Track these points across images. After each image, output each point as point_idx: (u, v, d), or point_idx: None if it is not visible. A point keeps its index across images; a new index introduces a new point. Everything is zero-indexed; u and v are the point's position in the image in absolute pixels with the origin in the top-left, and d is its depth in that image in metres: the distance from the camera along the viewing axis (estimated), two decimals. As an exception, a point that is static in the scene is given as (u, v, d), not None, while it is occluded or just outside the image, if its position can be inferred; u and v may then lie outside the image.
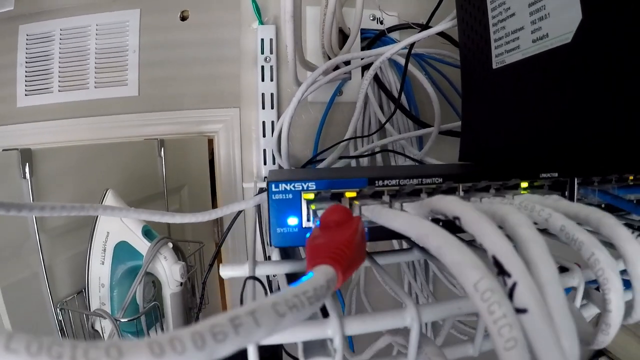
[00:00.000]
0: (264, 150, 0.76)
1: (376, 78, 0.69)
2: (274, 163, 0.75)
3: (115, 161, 0.81)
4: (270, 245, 0.26)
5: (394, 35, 0.75)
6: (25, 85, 0.98)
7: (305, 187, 0.25)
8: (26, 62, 0.98)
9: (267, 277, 0.56)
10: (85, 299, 0.67)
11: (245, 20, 0.80)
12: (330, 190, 0.25)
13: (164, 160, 0.91)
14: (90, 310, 0.67)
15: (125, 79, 0.99)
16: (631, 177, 0.30)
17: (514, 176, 0.28)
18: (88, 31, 0.97)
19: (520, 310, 0.13)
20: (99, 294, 0.67)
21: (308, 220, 0.26)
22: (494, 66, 0.40)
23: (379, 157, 0.72)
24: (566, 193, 0.30)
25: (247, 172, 0.82)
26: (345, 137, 0.67)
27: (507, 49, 0.38)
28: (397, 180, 0.26)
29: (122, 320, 0.65)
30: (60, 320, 0.64)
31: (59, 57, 0.97)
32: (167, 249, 0.66)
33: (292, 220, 0.25)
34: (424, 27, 0.56)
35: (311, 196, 0.25)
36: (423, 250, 0.29)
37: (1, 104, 0.99)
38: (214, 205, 1.01)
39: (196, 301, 0.78)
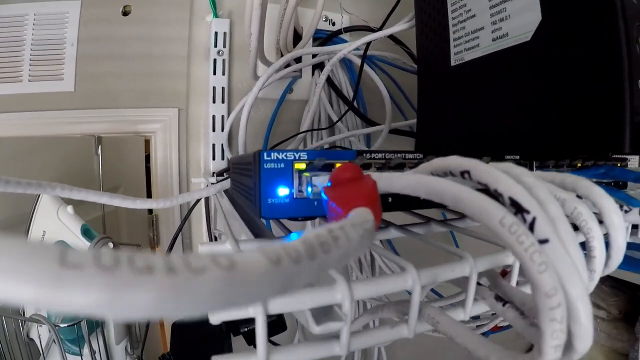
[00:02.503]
0: (213, 145, 0.75)
1: (327, 77, 0.70)
2: (222, 158, 0.75)
3: (50, 157, 0.78)
4: (260, 217, 0.26)
5: (344, 36, 0.77)
6: (-48, 75, 0.91)
7: (297, 156, 0.26)
8: (-47, 50, 0.91)
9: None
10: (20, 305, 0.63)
11: (198, 13, 0.80)
12: (323, 159, 0.25)
13: (100, 158, 0.88)
14: (25, 316, 0.63)
15: (61, 73, 0.94)
16: (579, 164, 0.34)
17: (484, 155, 0.30)
18: (25, 20, 0.92)
19: (542, 241, 0.15)
20: (35, 300, 0.63)
21: (300, 190, 0.26)
22: (453, 63, 0.43)
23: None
24: None
25: (194, 167, 0.81)
26: (301, 130, 0.68)
27: (466, 47, 0.41)
28: (383, 154, 0.27)
29: (61, 325, 0.61)
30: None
31: (-9, 47, 0.91)
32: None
33: (283, 191, 0.26)
34: (379, 28, 0.59)
35: (303, 166, 0.26)
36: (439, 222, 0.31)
37: None
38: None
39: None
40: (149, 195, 0.98)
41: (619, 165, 0.33)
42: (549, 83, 0.33)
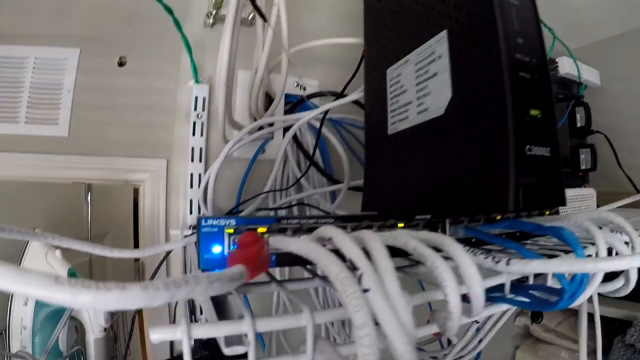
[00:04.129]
0: (191, 200, 0.80)
1: (295, 138, 0.76)
2: (199, 212, 0.79)
3: (40, 201, 0.82)
4: (199, 268, 0.31)
5: (315, 100, 0.84)
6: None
7: (227, 223, 0.32)
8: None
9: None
10: (5, 341, 0.67)
11: (182, 77, 0.86)
12: (247, 225, 0.32)
13: (89, 205, 0.92)
14: (10, 352, 0.66)
15: (57, 118, 0.98)
16: (498, 217, 0.39)
17: (391, 217, 0.35)
18: (26, 63, 0.96)
19: (365, 290, 0.19)
20: (21, 336, 0.66)
21: (229, 249, 0.32)
22: (389, 132, 0.48)
23: (296, 210, 0.79)
24: (439, 230, 0.37)
25: (173, 220, 0.85)
26: (264, 190, 0.73)
27: (399, 118, 0.47)
28: (298, 220, 0.32)
29: (45, 361, 0.64)
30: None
31: (-8, 86, 0.95)
32: (93, 294, 0.67)
33: (217, 249, 0.32)
34: (340, 95, 0.65)
35: (231, 230, 0.32)
36: (321, 278, 0.35)
37: None
38: (137, 254, 1.02)
39: (118, 349, 0.78)
40: (136, 242, 1.01)
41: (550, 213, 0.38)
42: (458, 151, 0.38)
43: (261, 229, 0.32)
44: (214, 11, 0.81)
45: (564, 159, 1.44)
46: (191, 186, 0.81)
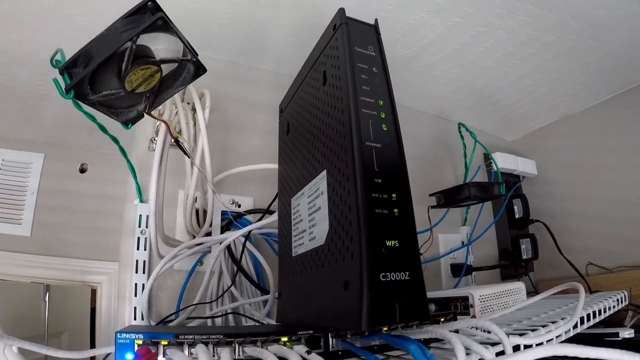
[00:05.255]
0: (135, 308, 0.84)
1: (230, 252, 0.82)
2: (142, 318, 0.83)
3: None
4: None
5: (249, 215, 0.91)
6: None
7: (136, 337, 0.39)
8: None
9: None
10: None
11: (129, 196, 0.92)
12: (150, 339, 0.39)
13: (47, 304, 0.94)
14: None
15: (20, 218, 1.02)
16: (385, 328, 0.44)
17: (273, 334, 0.40)
18: None
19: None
20: None
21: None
22: (293, 254, 0.55)
23: (231, 318, 0.83)
24: (321, 343, 0.44)
25: (121, 324, 0.88)
26: (194, 303, 0.78)
27: (298, 243, 0.53)
28: (193, 336, 0.40)
29: None
30: None
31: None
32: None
33: (129, 356, 0.38)
34: (267, 211, 0.72)
35: (140, 342, 0.39)
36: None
37: None
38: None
39: None
40: (93, 341, 1.02)
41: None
42: (331, 277, 0.44)
43: (164, 342, 0.39)
44: (156, 137, 0.89)
45: (504, 251, 1.51)
46: (135, 295, 0.85)
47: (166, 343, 0.39)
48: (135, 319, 0.85)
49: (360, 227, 0.39)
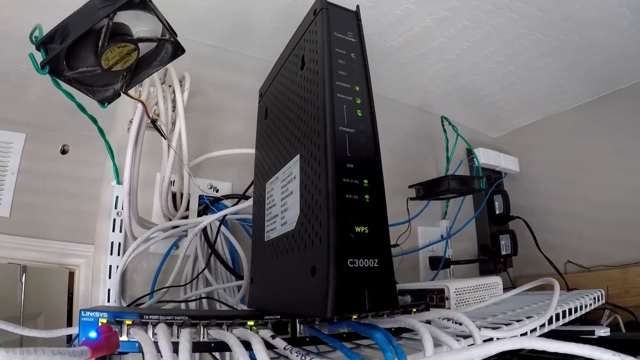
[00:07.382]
0: (109, 290, 0.83)
1: (206, 237, 0.81)
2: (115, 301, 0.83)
3: None
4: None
5: (227, 200, 0.90)
6: None
7: (100, 315, 0.39)
8: None
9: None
10: None
11: (106, 177, 0.91)
12: (114, 318, 0.39)
13: (24, 285, 0.93)
14: None
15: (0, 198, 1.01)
16: (354, 316, 0.44)
17: (239, 317, 0.40)
18: None
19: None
20: None
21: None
22: (265, 239, 0.54)
23: (205, 302, 0.83)
24: (288, 329, 0.44)
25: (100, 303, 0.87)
26: (166, 285, 0.77)
27: (271, 228, 0.53)
28: (157, 317, 0.39)
29: None
30: None
31: None
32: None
33: (92, 334, 0.38)
34: (241, 197, 0.71)
35: (104, 320, 0.39)
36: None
37: None
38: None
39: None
40: (70, 324, 1.01)
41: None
42: (300, 263, 0.43)
43: (127, 322, 0.39)
44: (135, 117, 0.89)
45: (484, 246, 1.52)
46: (110, 277, 0.84)
47: (130, 322, 0.39)
48: (108, 301, 0.84)
49: (329, 211, 0.39)
